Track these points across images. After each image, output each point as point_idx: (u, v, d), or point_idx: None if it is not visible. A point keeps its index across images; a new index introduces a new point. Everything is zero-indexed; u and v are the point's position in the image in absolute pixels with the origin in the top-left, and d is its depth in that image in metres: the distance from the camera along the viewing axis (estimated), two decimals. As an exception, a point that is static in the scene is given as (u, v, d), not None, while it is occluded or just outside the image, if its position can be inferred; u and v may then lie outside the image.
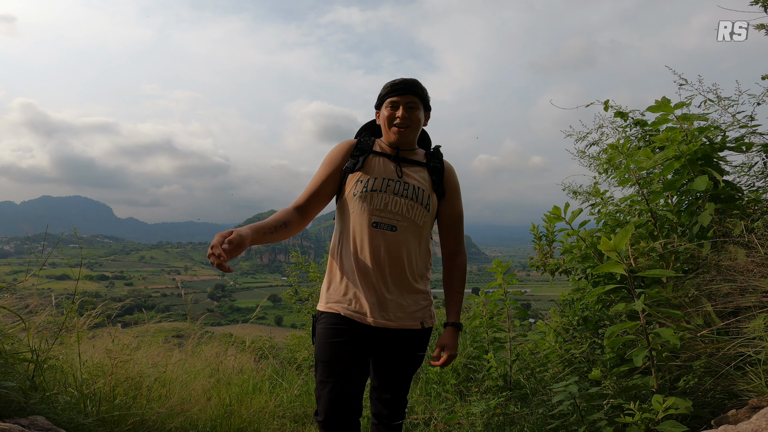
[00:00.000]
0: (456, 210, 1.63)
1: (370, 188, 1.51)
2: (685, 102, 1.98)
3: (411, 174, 1.57)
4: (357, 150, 1.60)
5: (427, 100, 1.62)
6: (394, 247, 1.50)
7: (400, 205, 1.51)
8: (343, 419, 1.41)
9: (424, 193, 1.54)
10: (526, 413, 2.19)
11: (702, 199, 1.85)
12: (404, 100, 1.56)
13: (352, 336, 1.47)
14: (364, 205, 1.51)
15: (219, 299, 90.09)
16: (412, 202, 1.52)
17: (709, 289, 1.60)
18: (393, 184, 1.53)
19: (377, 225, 1.49)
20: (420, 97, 1.58)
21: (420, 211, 1.53)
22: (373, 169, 1.56)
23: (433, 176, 1.60)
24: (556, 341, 2.40)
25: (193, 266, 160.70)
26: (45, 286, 2.66)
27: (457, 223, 1.63)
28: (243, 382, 2.93)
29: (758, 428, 1.07)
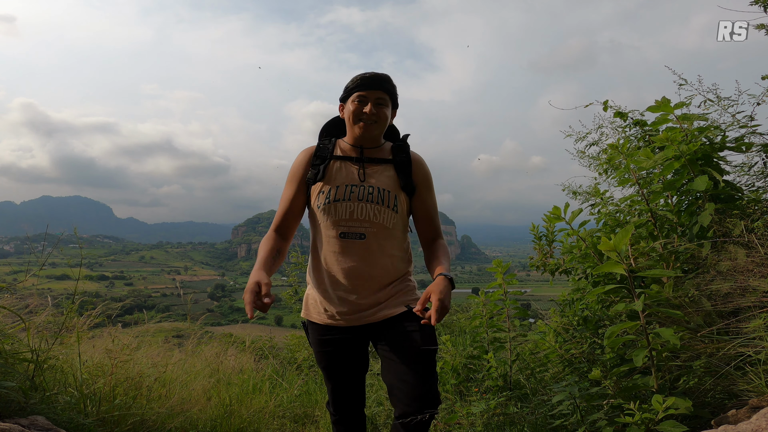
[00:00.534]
0: (428, 204, 1.55)
1: (332, 198, 1.46)
2: (685, 102, 1.98)
3: (375, 175, 1.51)
4: (317, 158, 1.54)
5: (396, 97, 1.57)
6: (365, 255, 1.46)
7: (366, 211, 1.45)
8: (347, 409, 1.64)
9: (389, 195, 1.48)
10: (526, 413, 2.19)
11: (702, 199, 1.85)
12: (373, 95, 1.49)
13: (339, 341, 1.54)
14: (328, 217, 1.47)
15: (219, 299, 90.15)
16: (379, 206, 1.46)
17: (709, 289, 1.60)
18: (357, 190, 1.47)
19: (345, 235, 1.45)
20: (390, 94, 1.52)
21: (388, 214, 1.47)
22: (334, 176, 1.50)
23: (400, 173, 1.52)
24: (556, 341, 2.40)
25: (193, 266, 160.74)
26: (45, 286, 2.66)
27: (432, 217, 1.56)
28: (243, 382, 2.93)
29: (758, 428, 1.07)
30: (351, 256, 1.46)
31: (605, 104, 2.51)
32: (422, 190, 1.54)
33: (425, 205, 1.55)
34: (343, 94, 1.55)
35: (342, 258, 1.47)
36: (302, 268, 4.87)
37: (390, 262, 1.50)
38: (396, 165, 1.54)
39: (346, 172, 1.51)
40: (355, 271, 1.46)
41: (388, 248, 1.49)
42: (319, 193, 1.49)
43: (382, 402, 2.80)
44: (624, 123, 2.49)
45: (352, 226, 1.45)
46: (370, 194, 1.47)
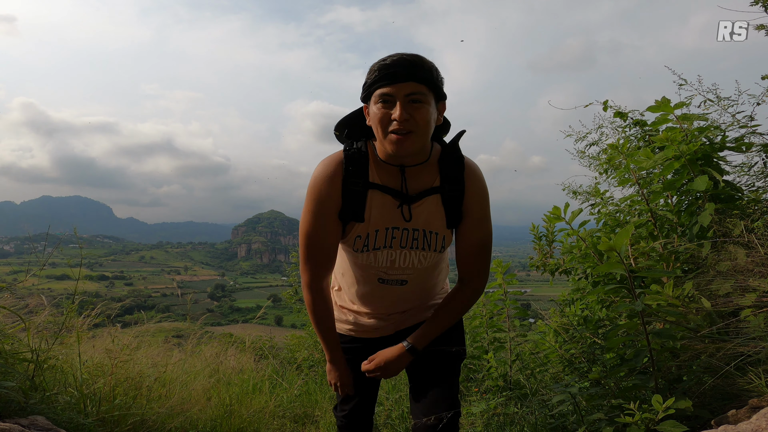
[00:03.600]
0: (474, 238, 1.24)
1: (372, 247, 1.21)
2: (685, 102, 1.98)
3: (420, 213, 1.19)
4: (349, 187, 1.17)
5: (439, 85, 1.12)
6: (403, 295, 1.32)
7: (410, 259, 1.23)
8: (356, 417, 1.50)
9: (436, 238, 1.21)
10: (526, 413, 2.19)
11: (702, 199, 1.85)
12: (402, 91, 1.06)
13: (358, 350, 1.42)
14: (367, 262, 1.25)
15: (219, 299, 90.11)
16: (424, 252, 1.22)
17: (709, 289, 1.60)
18: (399, 235, 1.19)
19: (384, 281, 1.28)
20: (428, 84, 1.09)
21: (433, 256, 1.25)
22: (372, 217, 1.18)
23: (449, 207, 1.20)
24: (556, 341, 2.40)
25: (193, 266, 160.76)
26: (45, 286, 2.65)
27: (476, 252, 1.25)
28: (243, 382, 2.93)
29: (758, 428, 1.07)
30: (388, 296, 1.31)
31: (605, 104, 2.51)
32: (470, 218, 1.23)
33: (468, 239, 1.24)
34: (363, 93, 1.16)
35: (376, 297, 1.32)
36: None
37: (430, 291, 1.38)
38: (444, 196, 1.20)
39: (386, 211, 1.19)
40: (391, 307, 1.34)
41: (429, 282, 1.35)
42: (356, 237, 1.21)
43: (381, 402, 2.80)
44: (624, 123, 2.49)
45: (393, 274, 1.26)
46: (415, 239, 1.20)
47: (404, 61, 1.07)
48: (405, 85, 1.06)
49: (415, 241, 1.21)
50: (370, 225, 1.19)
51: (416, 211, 1.19)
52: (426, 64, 1.09)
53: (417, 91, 1.07)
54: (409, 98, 1.07)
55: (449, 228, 1.23)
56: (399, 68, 1.06)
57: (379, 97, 1.09)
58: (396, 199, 1.18)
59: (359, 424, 1.50)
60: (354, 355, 1.40)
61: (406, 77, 1.06)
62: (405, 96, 1.07)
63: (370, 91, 1.12)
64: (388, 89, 1.07)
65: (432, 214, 1.20)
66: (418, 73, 1.07)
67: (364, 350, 1.39)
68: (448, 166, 1.19)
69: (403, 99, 1.07)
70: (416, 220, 1.20)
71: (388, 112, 1.08)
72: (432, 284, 1.37)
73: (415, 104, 1.07)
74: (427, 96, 1.09)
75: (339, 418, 1.54)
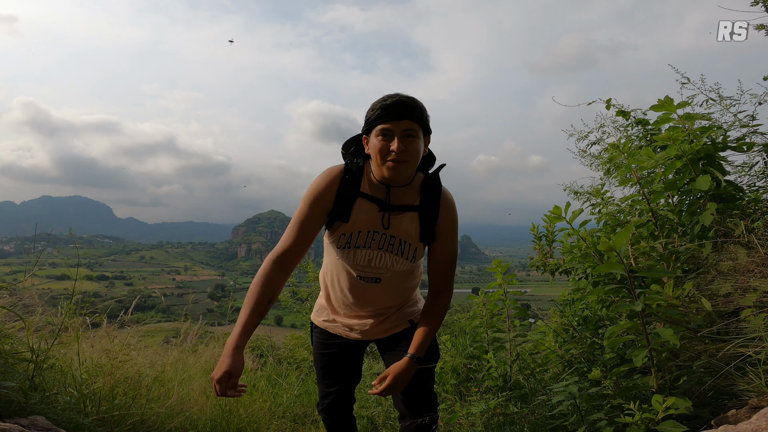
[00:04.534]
0: (447, 254, 1.46)
1: (353, 245, 1.41)
2: (688, 101, 1.98)
3: (398, 223, 1.41)
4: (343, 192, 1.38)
5: (427, 123, 1.35)
6: (379, 294, 1.51)
7: (384, 261, 1.43)
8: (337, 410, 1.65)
9: (410, 248, 1.42)
10: (526, 413, 2.19)
11: (703, 198, 1.85)
12: (399, 127, 1.28)
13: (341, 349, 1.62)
14: (348, 259, 1.45)
15: (219, 299, 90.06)
16: (397, 257, 1.43)
17: (709, 289, 1.60)
18: (378, 238, 1.41)
19: (361, 278, 1.48)
20: (419, 122, 1.31)
21: (404, 264, 1.45)
22: (357, 219, 1.40)
23: (423, 224, 1.41)
24: (556, 341, 2.40)
25: (193, 266, 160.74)
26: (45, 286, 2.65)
27: (447, 266, 1.47)
28: (243, 382, 2.93)
29: (758, 428, 1.07)
30: (365, 293, 1.51)
31: (608, 102, 2.51)
32: (442, 239, 1.44)
33: (444, 254, 1.46)
34: (365, 127, 1.37)
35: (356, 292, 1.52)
36: (299, 268, 4.88)
37: (402, 295, 1.57)
38: (421, 214, 1.41)
39: (369, 217, 1.40)
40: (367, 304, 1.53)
41: (401, 286, 1.53)
42: (341, 235, 1.42)
43: (381, 402, 2.80)
44: (626, 122, 2.49)
45: (369, 272, 1.46)
46: (391, 245, 1.41)
47: (402, 103, 1.28)
48: (402, 123, 1.28)
49: (391, 246, 1.41)
50: (355, 226, 1.40)
51: (395, 221, 1.41)
52: (418, 105, 1.32)
53: (411, 127, 1.29)
54: (405, 133, 1.29)
55: (422, 242, 1.44)
56: (398, 108, 1.28)
57: (380, 131, 1.30)
58: (379, 209, 1.39)
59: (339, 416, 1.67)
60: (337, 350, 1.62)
61: (403, 116, 1.28)
62: (402, 131, 1.28)
63: (372, 126, 1.32)
64: (388, 125, 1.28)
65: (408, 227, 1.41)
66: (413, 112, 1.29)
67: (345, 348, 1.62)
68: (428, 191, 1.41)
69: (400, 134, 1.29)
70: (394, 228, 1.41)
71: (387, 144, 1.30)
72: (402, 290, 1.55)
73: (409, 138, 1.30)
74: (418, 131, 1.31)
75: (321, 413, 1.70)
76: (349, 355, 1.64)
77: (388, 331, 1.58)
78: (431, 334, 1.43)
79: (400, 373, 1.38)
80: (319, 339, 1.66)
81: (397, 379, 1.38)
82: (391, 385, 1.38)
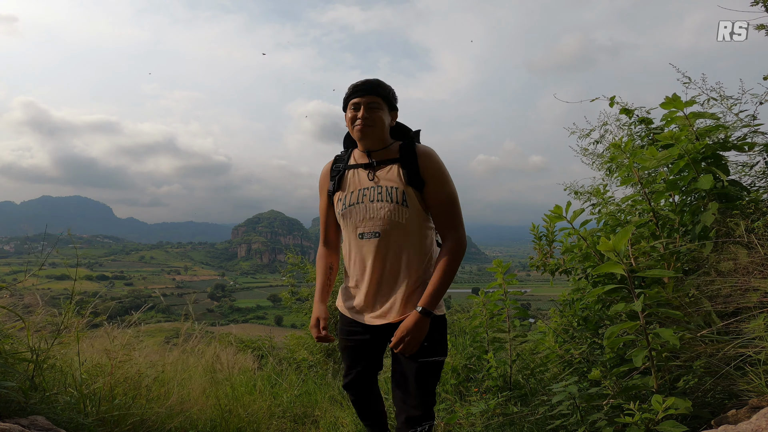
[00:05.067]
0: (440, 196, 1.53)
1: (347, 204, 1.59)
2: (694, 100, 1.97)
3: (383, 175, 1.56)
4: (334, 170, 1.68)
5: (392, 99, 1.59)
6: (381, 253, 1.54)
7: (378, 210, 1.53)
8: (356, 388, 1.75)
9: (397, 191, 1.52)
10: (526, 413, 2.19)
11: (705, 198, 1.84)
12: (366, 100, 1.55)
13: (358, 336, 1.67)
14: (348, 221, 1.60)
15: (219, 299, 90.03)
16: (389, 203, 1.52)
17: (709, 290, 1.60)
18: (369, 192, 1.56)
19: (362, 236, 1.57)
20: (383, 97, 1.56)
21: (400, 210, 1.51)
22: (348, 184, 1.62)
23: (405, 169, 1.53)
24: (556, 341, 2.40)
25: (193, 266, 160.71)
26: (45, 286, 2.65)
27: (446, 208, 1.53)
28: (243, 382, 2.93)
29: (758, 428, 1.07)
30: (368, 255, 1.56)
31: (612, 100, 2.50)
32: (431, 181, 1.52)
33: (439, 196, 1.53)
34: (343, 105, 1.63)
35: (360, 257, 1.59)
36: (298, 268, 4.88)
37: (405, 260, 1.54)
38: (401, 162, 1.55)
39: (358, 178, 1.61)
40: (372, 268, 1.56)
41: (403, 245, 1.54)
42: (338, 201, 1.62)
43: (387, 398, 2.80)
44: (629, 120, 2.48)
45: (368, 226, 1.56)
46: (380, 194, 1.54)
47: (368, 82, 1.57)
48: (368, 97, 1.56)
49: (380, 195, 1.55)
50: (348, 189, 1.62)
51: (379, 174, 1.58)
52: (382, 85, 1.58)
53: (375, 101, 1.56)
54: (369, 105, 1.56)
55: (410, 185, 1.53)
56: (365, 86, 1.56)
57: (351, 105, 1.58)
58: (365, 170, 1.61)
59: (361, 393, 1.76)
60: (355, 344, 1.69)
61: (368, 92, 1.56)
62: (367, 103, 1.56)
63: (346, 103, 1.61)
64: (357, 99, 1.57)
65: (392, 175, 1.57)
66: (377, 90, 1.57)
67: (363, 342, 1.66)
68: (404, 147, 1.60)
69: (365, 105, 1.56)
70: (379, 180, 1.58)
71: (356, 114, 1.57)
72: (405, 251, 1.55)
73: (373, 109, 1.56)
74: (382, 105, 1.58)
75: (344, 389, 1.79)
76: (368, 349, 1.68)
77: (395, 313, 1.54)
78: (438, 283, 1.47)
79: (409, 326, 1.45)
80: (341, 326, 1.74)
81: (405, 331, 1.45)
82: (402, 338, 1.45)
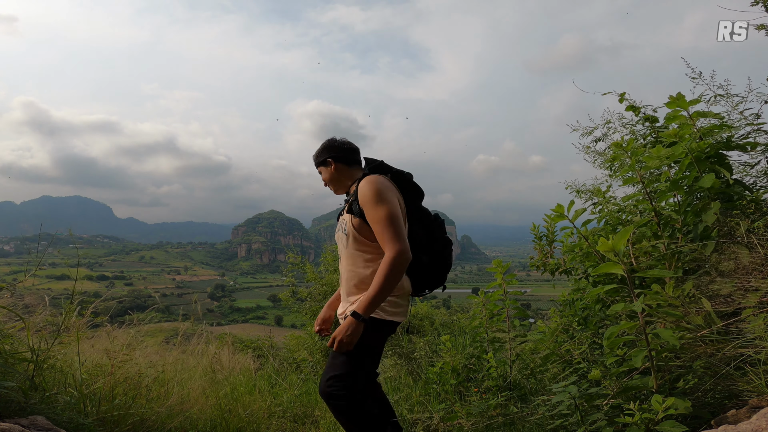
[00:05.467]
0: (372, 218, 1.75)
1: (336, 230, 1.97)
2: (698, 99, 1.96)
3: (345, 211, 1.90)
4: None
5: (322, 161, 1.95)
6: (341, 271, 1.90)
7: (338, 239, 1.91)
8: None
9: (345, 222, 1.84)
10: (526, 413, 2.19)
11: (708, 197, 1.84)
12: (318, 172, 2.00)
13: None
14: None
15: (219, 299, 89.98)
16: (340, 232, 1.87)
17: (709, 290, 1.60)
18: (338, 224, 1.93)
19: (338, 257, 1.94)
20: (320, 164, 1.96)
21: (342, 238, 1.85)
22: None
23: (351, 202, 1.83)
24: (556, 341, 2.40)
25: (193, 266, 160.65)
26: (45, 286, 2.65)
27: (377, 228, 1.73)
28: (242, 382, 2.93)
29: (758, 428, 1.07)
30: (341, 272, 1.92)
31: (622, 96, 2.48)
32: (364, 208, 1.76)
33: (369, 220, 1.76)
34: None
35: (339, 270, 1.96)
36: (299, 268, 4.88)
37: (351, 276, 1.82)
38: (353, 197, 1.83)
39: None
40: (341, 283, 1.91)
41: (350, 264, 1.84)
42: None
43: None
44: (636, 118, 2.47)
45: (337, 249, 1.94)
46: (339, 225, 1.90)
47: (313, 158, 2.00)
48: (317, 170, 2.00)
49: (339, 226, 1.91)
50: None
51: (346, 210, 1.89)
52: (316, 154, 1.98)
53: (319, 171, 1.99)
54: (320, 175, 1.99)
55: (350, 213, 1.82)
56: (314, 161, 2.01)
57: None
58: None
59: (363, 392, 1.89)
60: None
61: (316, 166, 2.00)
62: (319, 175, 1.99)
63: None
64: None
65: (347, 209, 1.86)
66: (316, 162, 1.98)
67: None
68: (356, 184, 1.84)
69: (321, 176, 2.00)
70: (342, 214, 1.90)
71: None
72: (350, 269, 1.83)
73: (323, 178, 1.98)
74: (324, 170, 1.96)
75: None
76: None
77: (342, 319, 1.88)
78: (371, 290, 1.68)
79: (341, 327, 1.67)
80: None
81: (336, 331, 1.68)
82: (335, 337, 1.68)
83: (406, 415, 2.60)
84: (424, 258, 1.86)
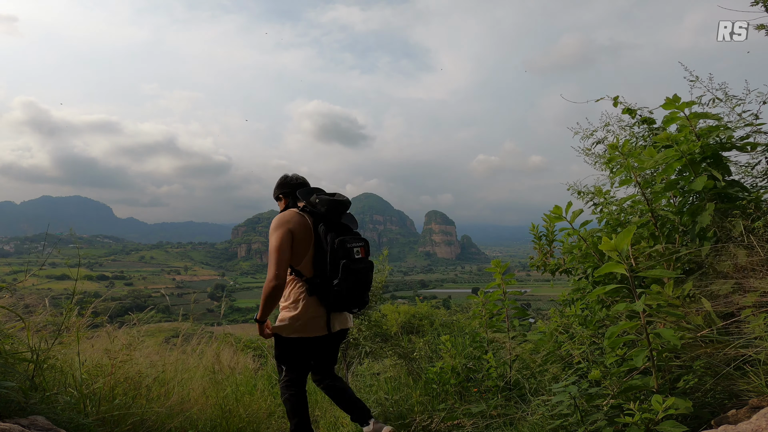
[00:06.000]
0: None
1: None
2: (695, 101, 1.96)
3: None
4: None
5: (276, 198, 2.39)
6: None
7: None
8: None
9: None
10: (526, 413, 2.19)
11: (704, 199, 1.84)
12: None
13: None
14: None
15: (219, 299, 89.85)
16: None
17: (709, 290, 1.60)
18: None
19: None
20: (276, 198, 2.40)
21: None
22: None
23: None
24: (556, 341, 2.40)
25: (193, 266, 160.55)
26: (45, 286, 2.64)
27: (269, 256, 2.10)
28: (243, 382, 2.93)
29: (758, 428, 1.07)
30: None
31: (615, 100, 2.49)
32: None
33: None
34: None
35: None
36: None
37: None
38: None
39: None
40: None
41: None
42: None
43: (382, 402, 2.80)
44: (632, 120, 2.47)
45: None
46: None
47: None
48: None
49: None
50: None
51: None
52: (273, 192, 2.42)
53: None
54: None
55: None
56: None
57: None
58: None
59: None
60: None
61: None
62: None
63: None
64: None
65: None
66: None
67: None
68: None
69: None
70: None
71: None
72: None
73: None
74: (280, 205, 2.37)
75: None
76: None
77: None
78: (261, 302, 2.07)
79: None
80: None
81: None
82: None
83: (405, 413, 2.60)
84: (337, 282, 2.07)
